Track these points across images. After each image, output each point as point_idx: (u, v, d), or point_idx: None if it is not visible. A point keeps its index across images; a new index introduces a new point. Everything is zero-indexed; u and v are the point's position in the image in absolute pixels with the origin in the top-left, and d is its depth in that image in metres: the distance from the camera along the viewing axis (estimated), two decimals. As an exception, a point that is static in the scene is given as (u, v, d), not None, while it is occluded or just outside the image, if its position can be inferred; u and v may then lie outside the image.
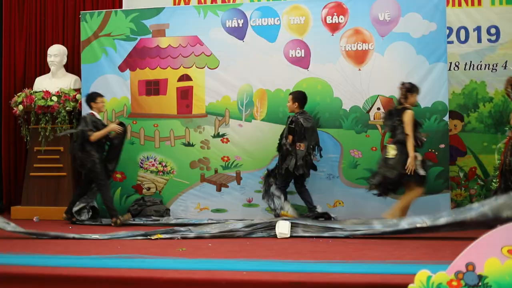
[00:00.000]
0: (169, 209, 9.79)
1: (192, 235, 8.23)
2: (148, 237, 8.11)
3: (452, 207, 9.18)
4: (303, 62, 9.61)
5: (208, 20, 9.89)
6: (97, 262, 6.43)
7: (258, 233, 8.26)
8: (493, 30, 9.76)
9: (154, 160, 10.02)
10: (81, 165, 9.49)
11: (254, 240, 8.01)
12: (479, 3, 9.83)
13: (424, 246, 7.33)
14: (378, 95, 9.40)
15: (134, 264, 6.27)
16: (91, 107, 9.60)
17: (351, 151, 9.45)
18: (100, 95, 9.69)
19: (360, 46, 9.47)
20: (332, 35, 9.54)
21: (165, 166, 9.99)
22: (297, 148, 8.97)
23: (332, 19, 9.54)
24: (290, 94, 9.28)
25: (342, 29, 9.52)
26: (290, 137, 8.98)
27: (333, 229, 8.13)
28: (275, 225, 8.21)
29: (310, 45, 9.60)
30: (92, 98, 9.64)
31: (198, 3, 10.48)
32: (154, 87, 10.05)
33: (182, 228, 8.41)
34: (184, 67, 9.95)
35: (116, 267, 6.16)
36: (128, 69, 10.10)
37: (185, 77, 9.95)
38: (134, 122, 10.08)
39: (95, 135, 9.35)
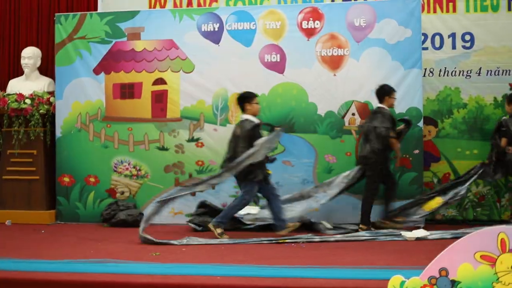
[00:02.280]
0: (143, 214, 9.71)
1: (317, 239, 8.28)
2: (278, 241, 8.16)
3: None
4: (278, 66, 9.62)
5: (184, 24, 9.86)
6: (70, 266, 6.39)
7: (381, 237, 8.33)
8: (467, 37, 9.82)
9: (128, 164, 9.95)
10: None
11: (229, 245, 7.98)
12: (454, 10, 9.88)
13: (398, 251, 7.37)
14: (353, 101, 9.45)
15: (107, 269, 6.24)
16: (244, 109, 8.81)
17: (325, 156, 9.47)
18: (256, 95, 8.93)
19: (335, 52, 9.49)
20: (308, 40, 9.56)
21: (139, 170, 9.94)
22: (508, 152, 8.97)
23: (308, 24, 9.56)
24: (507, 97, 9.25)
25: (318, 34, 9.54)
26: (504, 140, 8.96)
27: None
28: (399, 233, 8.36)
29: (285, 50, 9.61)
30: (248, 98, 8.80)
31: (174, 7, 10.40)
32: (128, 91, 9.99)
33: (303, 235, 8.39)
34: (159, 71, 9.91)
35: (89, 272, 6.14)
36: (102, 72, 10.03)
37: (160, 81, 9.91)
38: (108, 125, 10.01)
39: None
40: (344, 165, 9.36)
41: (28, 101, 10.16)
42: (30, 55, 10.61)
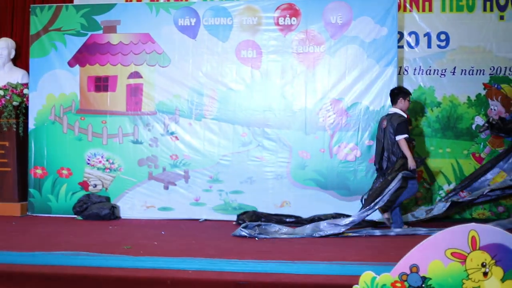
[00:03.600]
0: (115, 207, 9.68)
1: (377, 232, 8.40)
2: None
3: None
4: (254, 62, 9.62)
5: (160, 17, 9.82)
6: (40, 258, 6.32)
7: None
8: (443, 36, 9.90)
9: (102, 157, 9.89)
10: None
11: (200, 238, 7.97)
12: (430, 9, 9.95)
13: (369, 248, 7.38)
14: (328, 97, 9.45)
15: (78, 261, 6.19)
16: (395, 102, 8.79)
17: (299, 152, 9.49)
18: (410, 93, 9.04)
19: (311, 48, 9.51)
20: (284, 36, 9.57)
21: (113, 163, 9.88)
22: None
23: (284, 20, 9.57)
24: None
25: (294, 31, 9.56)
26: None
27: None
28: None
29: (262, 46, 9.61)
30: (404, 93, 8.81)
31: (151, 0, 10.35)
32: (103, 84, 9.93)
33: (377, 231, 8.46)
34: (135, 64, 9.86)
35: (59, 264, 6.08)
36: (77, 65, 9.95)
37: (136, 74, 9.86)
38: (82, 118, 9.94)
39: None
40: (318, 161, 9.42)
41: (1, 92, 10.05)
42: (4, 46, 10.53)
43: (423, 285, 3.72)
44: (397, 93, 8.80)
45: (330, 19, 9.46)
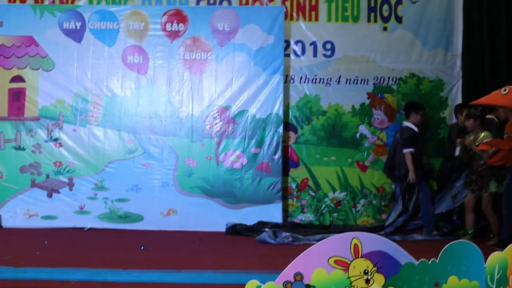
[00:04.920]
0: (-3, 216, 9.40)
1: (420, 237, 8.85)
2: None
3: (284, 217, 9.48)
4: (141, 68, 9.53)
5: (45, 20, 9.56)
6: None
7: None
8: (328, 46, 10.05)
9: (-18, 163, 9.57)
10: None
11: (84, 248, 7.86)
12: (316, 19, 10.08)
13: (256, 256, 7.47)
14: (215, 104, 9.45)
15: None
16: (408, 116, 9.26)
17: (186, 159, 9.45)
18: (424, 109, 9.49)
19: (198, 55, 9.50)
20: (172, 42, 9.51)
21: (-7, 170, 9.58)
22: None
23: (172, 26, 9.51)
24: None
25: (182, 37, 9.51)
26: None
27: None
28: None
29: (148, 51, 9.53)
30: (417, 108, 9.24)
31: (35, 2, 10.05)
32: (-16, 87, 9.61)
33: None
34: (17, 68, 9.56)
35: None
36: (-44, 67, 9.61)
37: (18, 78, 9.56)
38: (-39, 123, 9.59)
39: None
40: (204, 169, 9.42)
41: None
42: None
43: (308, 293, 3.75)
44: (410, 108, 9.18)
45: (217, 26, 9.46)
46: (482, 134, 8.38)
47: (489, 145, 8.09)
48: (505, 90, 7.81)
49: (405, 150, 8.95)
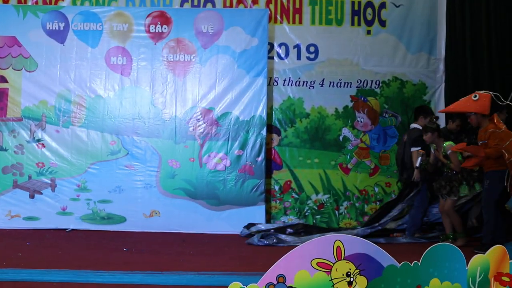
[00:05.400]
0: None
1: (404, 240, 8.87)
2: None
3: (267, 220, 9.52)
4: (124, 69, 9.51)
5: (28, 21, 9.51)
6: None
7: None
8: (312, 48, 10.08)
9: (-37, 164, 9.51)
10: None
11: (66, 249, 7.82)
12: (300, 21, 10.11)
13: (238, 258, 7.46)
14: (198, 106, 9.45)
15: None
16: (416, 119, 9.29)
17: (169, 161, 9.44)
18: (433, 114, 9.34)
19: (182, 57, 9.49)
20: (155, 44, 9.50)
21: (-25, 171, 9.51)
22: None
23: (155, 28, 9.49)
24: None
25: (165, 39, 9.50)
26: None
27: None
28: None
29: (132, 52, 9.52)
30: (426, 113, 9.19)
31: (18, 3, 10.00)
32: (-34, 87, 9.56)
33: None
34: (0, 68, 9.53)
35: None
36: None
37: (1, 79, 9.51)
38: None
39: None
40: (187, 170, 9.41)
41: None
42: None
43: (291, 295, 3.75)
44: (419, 112, 9.22)
45: (201, 28, 9.47)
46: (445, 144, 8.54)
47: (466, 152, 8.14)
48: (475, 96, 7.92)
49: (413, 149, 8.93)
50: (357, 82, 10.05)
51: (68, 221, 9.41)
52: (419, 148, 8.86)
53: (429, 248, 3.89)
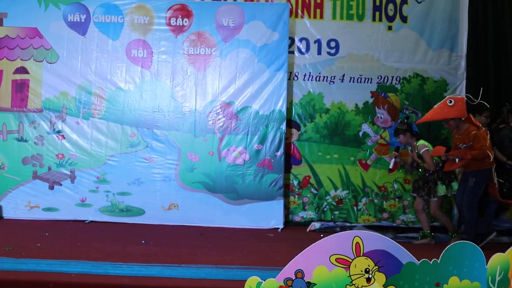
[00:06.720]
0: (-1, 206, 9.41)
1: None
2: None
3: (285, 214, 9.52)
4: (145, 62, 9.53)
5: (49, 12, 9.57)
6: None
7: None
8: (333, 44, 10.02)
9: (-16, 154, 9.57)
10: None
11: (85, 240, 7.84)
12: (321, 16, 10.05)
13: (255, 252, 7.46)
14: (218, 100, 9.44)
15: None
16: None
17: (188, 154, 9.44)
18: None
19: (203, 50, 9.49)
20: (176, 37, 9.50)
21: (-5, 161, 9.58)
22: None
23: (176, 21, 9.50)
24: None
25: (186, 32, 9.50)
26: None
27: None
28: None
29: (153, 45, 9.53)
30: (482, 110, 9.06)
31: (40, -6, 10.08)
32: (-13, 78, 9.62)
33: None
34: (21, 59, 9.57)
35: None
36: (-39, 58, 9.61)
37: (22, 70, 9.57)
38: (-36, 113, 9.60)
39: None
40: (206, 164, 9.42)
41: None
42: None
43: (309, 290, 3.75)
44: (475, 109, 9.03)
45: (222, 22, 9.46)
46: (418, 143, 8.62)
47: (453, 156, 8.13)
48: (450, 101, 7.95)
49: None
50: (378, 78, 9.97)
51: (87, 212, 9.46)
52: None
53: (448, 245, 3.86)
